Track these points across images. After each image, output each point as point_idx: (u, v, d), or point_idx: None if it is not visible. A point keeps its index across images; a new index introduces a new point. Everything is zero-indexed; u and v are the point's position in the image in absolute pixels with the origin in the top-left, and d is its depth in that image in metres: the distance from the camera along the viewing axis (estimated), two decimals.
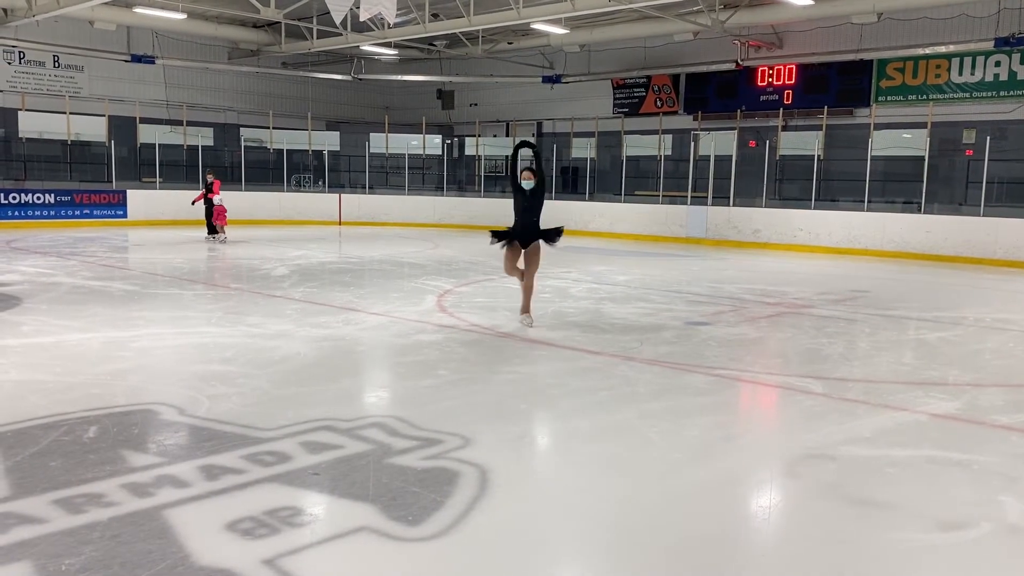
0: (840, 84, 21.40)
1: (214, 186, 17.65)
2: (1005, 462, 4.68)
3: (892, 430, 5.26)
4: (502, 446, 4.76)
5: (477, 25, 19.49)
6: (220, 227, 17.70)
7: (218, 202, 17.68)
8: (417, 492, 3.98)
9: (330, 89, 29.02)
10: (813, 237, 18.30)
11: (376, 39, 21.37)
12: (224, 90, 26.93)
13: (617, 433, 5.11)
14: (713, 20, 19.05)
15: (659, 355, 7.27)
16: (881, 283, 12.91)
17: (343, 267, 13.83)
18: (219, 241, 17.42)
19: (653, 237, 20.80)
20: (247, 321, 8.40)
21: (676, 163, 23.08)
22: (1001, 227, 16.05)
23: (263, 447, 4.58)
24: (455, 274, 12.81)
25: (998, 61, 19.14)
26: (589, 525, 3.83)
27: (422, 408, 5.48)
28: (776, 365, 7.39)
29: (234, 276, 11.90)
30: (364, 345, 7.49)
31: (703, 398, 5.99)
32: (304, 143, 25.77)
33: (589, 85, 25.87)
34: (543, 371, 6.75)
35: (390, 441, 4.70)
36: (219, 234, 17.67)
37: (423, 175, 26.92)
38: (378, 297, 10.29)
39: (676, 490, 4.23)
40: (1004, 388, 6.42)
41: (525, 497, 4.05)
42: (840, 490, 4.23)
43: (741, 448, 4.97)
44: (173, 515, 3.68)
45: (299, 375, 6.26)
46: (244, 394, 5.68)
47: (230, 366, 6.48)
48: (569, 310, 9.61)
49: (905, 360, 7.40)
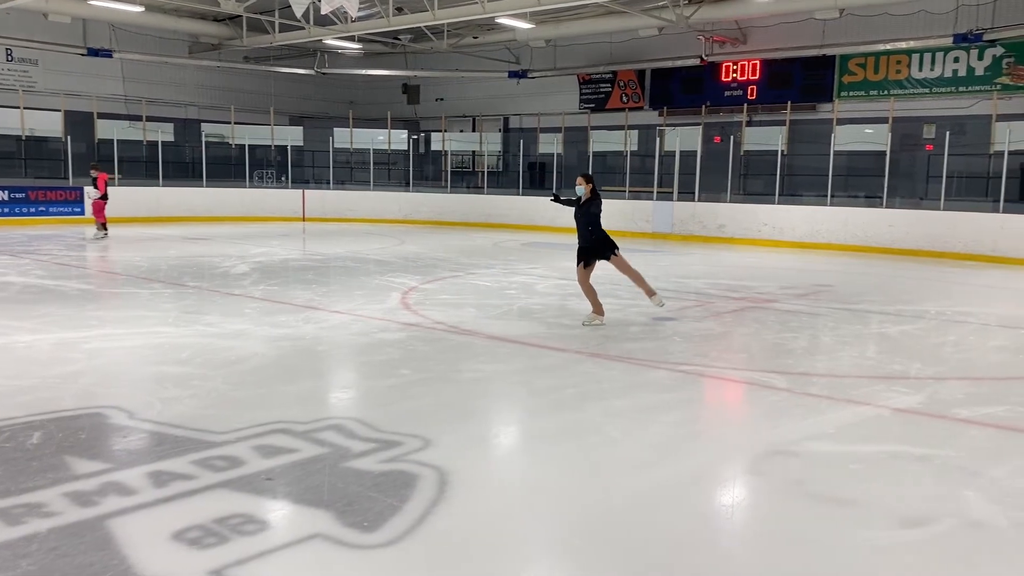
0: (803, 79, 21.56)
1: (99, 181, 16.94)
2: (966, 456, 4.68)
3: (855, 425, 5.24)
4: (463, 447, 4.66)
5: (442, 19, 19.31)
6: (99, 224, 16.97)
7: (96, 196, 16.91)
8: (374, 497, 3.86)
9: (293, 84, 28.63)
10: (777, 232, 18.41)
11: (339, 33, 21.08)
12: (185, 85, 26.44)
13: (581, 432, 5.03)
14: (677, 15, 19.07)
15: (624, 351, 7.22)
16: (844, 277, 13.00)
17: (306, 264, 13.62)
18: (96, 238, 16.73)
19: (619, 232, 20.69)
20: (204, 320, 8.20)
21: (642, 158, 23.10)
22: (960, 221, 16.26)
23: (215, 451, 4.44)
24: (421, 271, 12.67)
25: (956, 57, 19.39)
26: (551, 527, 3.74)
27: (382, 409, 5.36)
28: (740, 360, 7.37)
29: (193, 274, 11.64)
30: (324, 344, 7.33)
31: (668, 395, 5.94)
32: (267, 138, 25.39)
33: (555, 80, 25.81)
34: (507, 369, 6.66)
35: (347, 444, 4.58)
36: (100, 231, 16.95)
37: (389, 171, 26.68)
38: (341, 295, 10.13)
39: (640, 490, 4.16)
40: (964, 381, 6.45)
41: (486, 500, 3.96)
42: (805, 488, 4.20)
43: (706, 446, 4.92)
44: (117, 525, 3.53)
45: (256, 376, 6.10)
46: (198, 396, 5.52)
47: (185, 367, 6.30)
48: (535, 306, 9.53)
49: (868, 354, 7.42)
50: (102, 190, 16.98)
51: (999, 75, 18.85)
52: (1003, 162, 16.29)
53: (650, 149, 22.35)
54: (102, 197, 17.00)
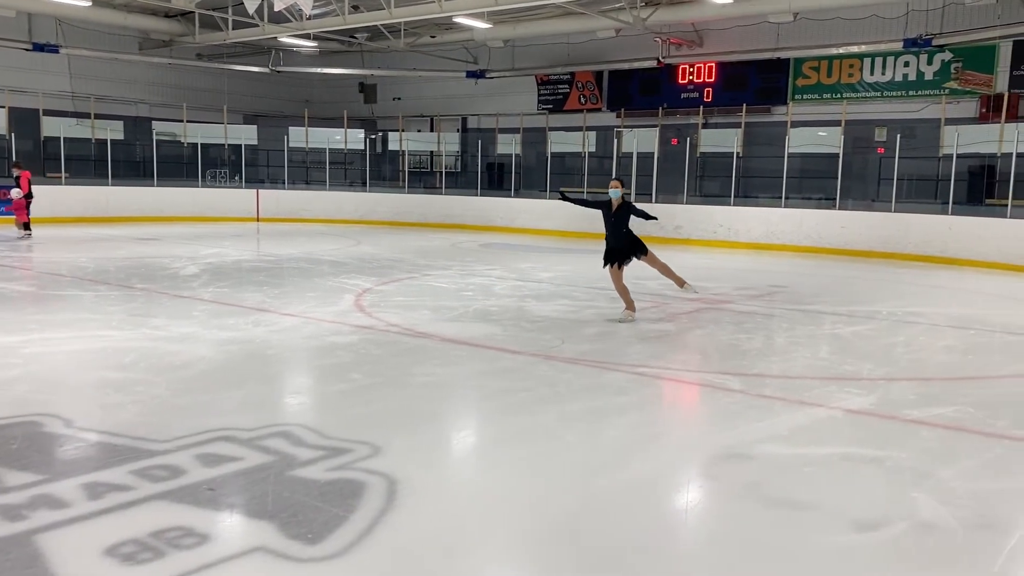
0: (758, 82, 21.80)
1: (21, 179, 16.35)
2: (917, 457, 4.70)
3: (808, 427, 5.24)
4: (414, 453, 4.55)
5: (398, 18, 19.13)
6: (20, 224, 16.45)
7: (16, 196, 16.33)
8: (319, 507, 3.74)
9: (247, 82, 28.16)
10: (733, 233, 18.56)
11: (294, 31, 20.78)
12: (135, 82, 25.85)
13: (535, 436, 4.96)
14: (635, 17, 19.14)
15: (580, 353, 7.16)
16: (798, 278, 13.13)
17: (258, 265, 13.36)
18: (19, 238, 16.25)
19: (578, 234, 20.78)
20: (150, 324, 7.96)
21: (600, 160, 23.13)
22: (911, 222, 16.53)
23: (155, 461, 4.27)
24: (376, 272, 12.50)
25: (907, 61, 19.76)
26: (503, 534, 3.66)
27: (331, 415, 5.24)
28: (695, 362, 7.37)
29: (141, 276, 11.33)
30: (274, 348, 7.15)
31: (623, 397, 5.90)
32: (220, 137, 24.89)
33: (514, 81, 25.75)
34: (461, 372, 6.56)
35: (294, 452, 4.44)
36: (22, 231, 16.42)
37: (345, 170, 26.35)
38: (293, 297, 9.93)
39: (595, 495, 4.09)
40: (915, 381, 6.52)
41: (436, 508, 3.86)
42: (759, 491, 4.17)
43: (660, 449, 4.88)
44: (47, 540, 3.36)
45: (201, 381, 5.93)
46: (140, 403, 5.33)
47: (128, 372, 6.10)
48: (492, 308, 9.44)
49: (821, 355, 7.46)
50: (25, 189, 16.42)
51: (947, 79, 19.25)
52: (952, 165, 16.62)
53: (608, 150, 22.39)
54: (27, 196, 16.46)
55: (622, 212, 8.63)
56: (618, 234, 8.64)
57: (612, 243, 8.68)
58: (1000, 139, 16.39)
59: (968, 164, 17.81)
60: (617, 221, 8.64)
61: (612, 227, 8.68)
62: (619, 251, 8.65)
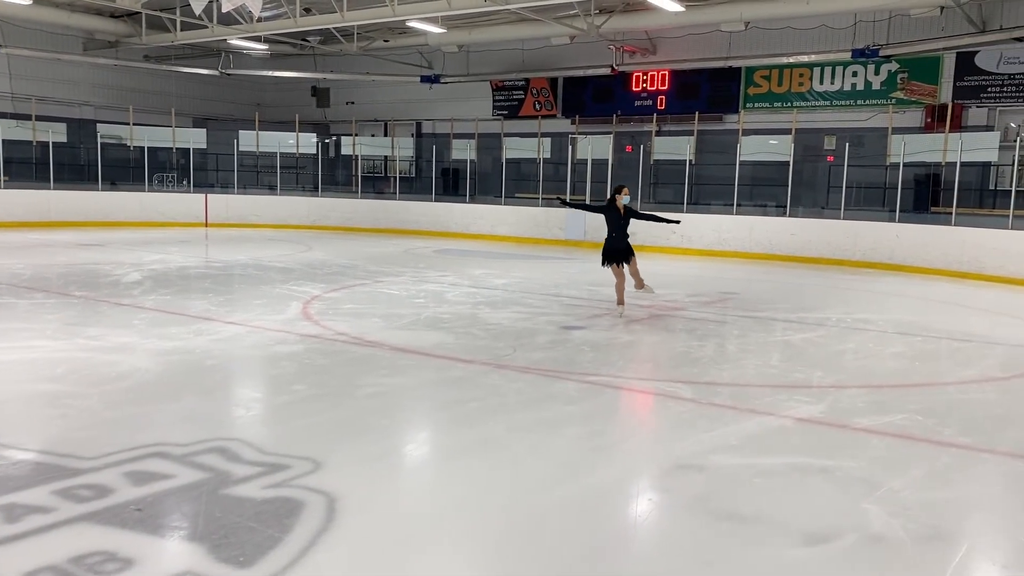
0: (711, 90, 22.00)
1: None
2: (866, 467, 4.68)
3: (759, 436, 5.20)
4: (357, 469, 4.39)
5: (351, 21, 18.90)
6: None
7: None
8: (254, 527, 3.56)
9: (196, 84, 27.60)
10: (686, 240, 18.65)
11: (244, 33, 20.40)
12: (79, 83, 25.18)
13: (484, 449, 4.83)
14: (589, 24, 19.17)
15: (532, 362, 7.06)
16: (749, 285, 13.21)
17: (204, 272, 13.02)
18: None
19: (533, 240, 20.74)
20: (86, 333, 7.66)
21: (555, 166, 23.12)
22: (860, 230, 16.78)
23: (81, 479, 4.05)
24: (326, 279, 12.25)
25: (855, 71, 20.10)
26: (447, 553, 3.52)
27: (271, 429, 5.05)
28: (647, 370, 7.31)
29: (81, 283, 10.95)
30: (215, 358, 6.91)
31: (573, 407, 5.80)
32: (168, 140, 24.33)
33: (468, 86, 25.64)
34: (410, 383, 6.41)
35: (229, 468, 4.25)
36: None
37: (297, 175, 25.94)
38: (238, 305, 9.67)
39: (542, 510, 3.98)
40: (864, 389, 6.53)
41: (377, 527, 3.70)
42: (708, 503, 4.09)
43: (609, 461, 4.79)
44: None
45: (136, 394, 5.68)
46: (68, 417, 5.08)
47: (58, 384, 5.83)
48: (444, 315, 9.28)
49: (772, 362, 7.46)
50: None
51: (894, 89, 19.63)
52: (898, 174, 16.91)
53: (563, 157, 22.38)
54: None
55: (627, 216, 9.40)
56: (623, 236, 9.37)
57: (618, 245, 9.37)
58: (944, 148, 16.73)
59: (914, 173, 18.16)
60: (624, 224, 9.38)
61: (620, 230, 9.37)
62: (622, 252, 9.36)
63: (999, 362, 7.88)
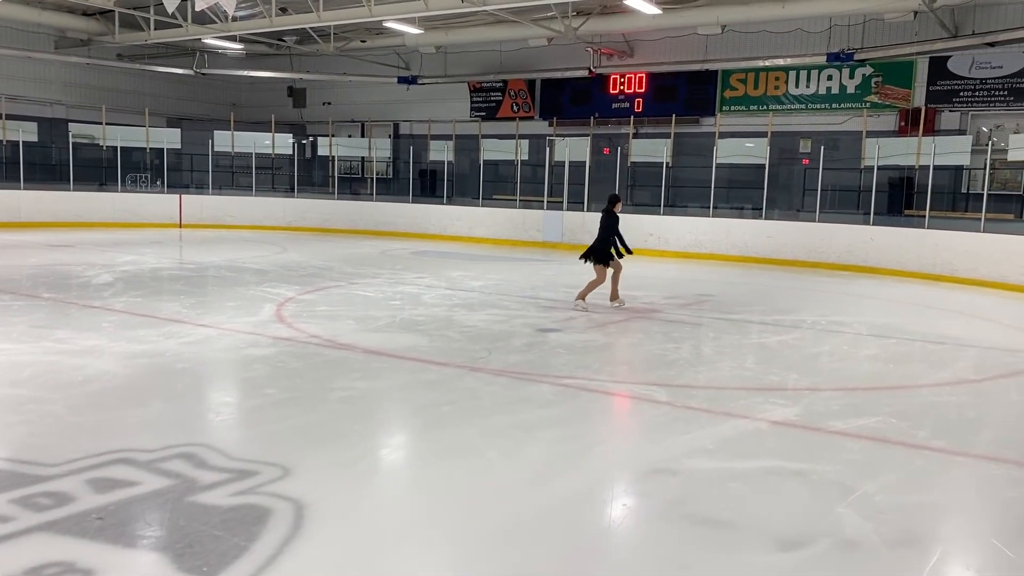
0: (688, 93, 22.07)
1: None
2: (841, 471, 4.66)
3: (734, 439, 5.18)
4: (327, 475, 4.32)
5: (327, 21, 18.76)
6: None
7: None
8: (219, 536, 3.48)
9: (171, 84, 27.30)
10: (663, 242, 18.69)
11: (219, 32, 20.18)
12: (50, 82, 24.80)
13: (457, 454, 4.77)
14: (566, 26, 19.16)
15: (507, 365, 7.00)
16: (725, 287, 13.24)
17: (177, 274, 12.85)
18: None
19: (511, 241, 20.69)
20: (53, 336, 7.50)
21: (533, 168, 23.08)
22: (835, 232, 16.89)
23: (41, 487, 3.94)
24: (301, 280, 12.13)
25: (830, 75, 20.25)
26: (418, 562, 3.46)
27: (240, 434, 4.96)
28: (623, 372, 7.28)
29: (50, 284, 10.76)
30: (185, 362, 6.78)
31: (548, 410, 5.75)
32: (141, 140, 24.01)
33: (446, 87, 25.55)
34: (383, 386, 6.33)
35: (196, 475, 4.16)
36: None
37: (273, 176, 25.72)
38: (211, 307, 9.54)
39: (515, 516, 3.92)
40: (839, 392, 6.53)
41: (346, 535, 3.63)
42: (683, 508, 4.06)
43: (584, 466, 4.74)
44: None
45: (102, 398, 5.56)
46: (32, 422, 4.96)
47: (21, 389, 5.69)
48: (419, 318, 9.20)
49: (747, 365, 7.45)
50: None
51: (868, 93, 19.79)
52: (873, 177, 17.03)
53: (540, 159, 22.35)
54: None
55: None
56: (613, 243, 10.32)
57: (605, 245, 10.27)
58: (918, 152, 16.86)
59: (888, 176, 18.30)
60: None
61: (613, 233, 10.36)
62: (607, 253, 10.25)
63: (972, 364, 7.93)
